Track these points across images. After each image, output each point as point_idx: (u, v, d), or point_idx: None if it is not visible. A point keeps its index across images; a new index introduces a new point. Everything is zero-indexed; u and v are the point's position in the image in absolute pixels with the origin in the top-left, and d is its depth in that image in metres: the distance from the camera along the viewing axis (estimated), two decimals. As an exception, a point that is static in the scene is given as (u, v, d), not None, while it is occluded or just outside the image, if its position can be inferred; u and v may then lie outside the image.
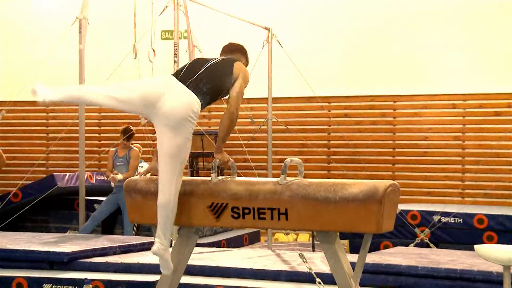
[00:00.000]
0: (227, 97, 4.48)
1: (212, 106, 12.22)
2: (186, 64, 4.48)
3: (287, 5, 12.42)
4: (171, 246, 4.64)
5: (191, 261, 4.76)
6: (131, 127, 9.82)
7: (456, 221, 9.13)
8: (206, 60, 4.49)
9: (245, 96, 4.53)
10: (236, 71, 4.39)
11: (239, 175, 4.41)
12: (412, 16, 11.94)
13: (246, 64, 4.65)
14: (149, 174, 4.51)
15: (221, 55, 4.66)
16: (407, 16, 11.97)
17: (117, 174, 9.42)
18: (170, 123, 4.18)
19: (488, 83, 11.56)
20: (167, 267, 4.35)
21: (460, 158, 11.82)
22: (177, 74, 4.38)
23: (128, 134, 9.64)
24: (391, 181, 3.99)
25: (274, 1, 12.47)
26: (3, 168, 10.57)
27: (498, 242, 8.71)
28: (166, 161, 4.21)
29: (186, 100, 4.21)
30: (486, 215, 9.10)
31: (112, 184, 9.56)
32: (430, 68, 11.82)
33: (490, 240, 8.91)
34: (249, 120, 9.79)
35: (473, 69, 11.60)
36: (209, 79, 4.31)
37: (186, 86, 4.26)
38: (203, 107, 4.33)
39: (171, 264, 4.33)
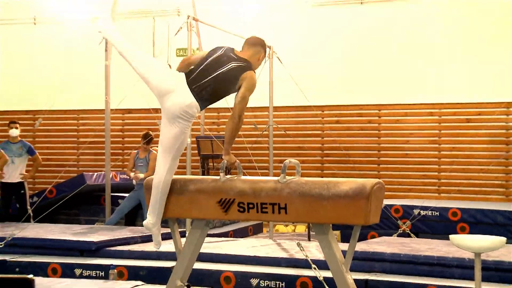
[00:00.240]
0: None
1: (221, 113, 12.31)
2: (203, 65, 4.36)
3: (286, 25, 12.39)
4: (183, 236, 4.60)
5: (202, 250, 4.73)
6: (151, 132, 9.80)
7: (433, 214, 9.12)
8: (220, 65, 4.33)
9: (249, 105, 4.47)
10: (241, 81, 4.29)
11: (244, 174, 4.39)
12: (393, 38, 11.93)
13: (264, 56, 4.53)
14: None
15: (243, 46, 4.50)
16: (389, 38, 11.96)
17: (137, 174, 9.41)
18: (168, 117, 4.23)
19: (460, 94, 11.57)
20: (156, 241, 4.49)
21: (436, 159, 11.80)
22: (190, 73, 4.35)
23: (148, 139, 9.62)
24: (377, 180, 3.96)
25: (275, 21, 12.43)
26: (40, 168, 10.54)
27: (470, 232, 8.70)
28: (161, 149, 4.29)
29: (185, 102, 4.21)
30: (460, 208, 9.10)
31: (134, 182, 9.55)
32: (410, 81, 11.81)
33: (463, 230, 8.89)
34: (253, 126, 9.78)
35: (447, 82, 11.59)
36: (213, 88, 4.28)
37: (191, 89, 4.24)
38: (202, 108, 4.35)
39: (159, 238, 4.47)
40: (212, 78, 4.27)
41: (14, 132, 9.58)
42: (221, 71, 4.29)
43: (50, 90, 11.73)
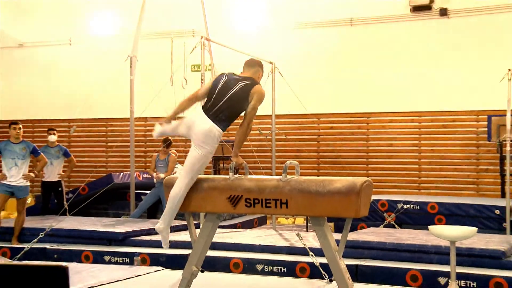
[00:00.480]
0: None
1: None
2: (215, 92, 4.35)
3: (287, 44, 12.40)
4: (198, 228, 4.61)
5: (214, 239, 4.73)
6: (170, 137, 9.82)
7: (414, 208, 9.10)
8: (229, 88, 4.33)
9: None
10: (251, 95, 4.30)
11: (250, 174, 4.39)
12: (379, 55, 11.94)
13: (262, 74, 4.50)
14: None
15: (244, 67, 4.49)
16: (375, 55, 11.96)
17: (158, 174, 9.42)
18: (195, 143, 4.27)
19: (437, 104, 11.57)
20: (165, 243, 4.51)
21: (417, 160, 11.79)
22: (205, 104, 4.37)
23: (167, 143, 9.65)
24: (365, 178, 3.96)
25: (277, 40, 12.45)
26: (74, 169, 10.57)
27: (446, 223, 8.68)
28: (184, 168, 4.30)
29: (205, 127, 4.25)
30: (437, 203, 9.09)
31: (155, 181, 9.56)
32: (394, 93, 11.82)
33: (440, 222, 8.88)
34: (258, 132, 9.79)
35: (425, 93, 11.60)
36: (229, 108, 4.28)
37: (209, 116, 4.27)
38: (223, 130, 4.33)
39: (168, 240, 4.48)
40: (226, 101, 4.28)
41: (52, 138, 9.62)
42: (232, 92, 4.30)
43: (83, 102, 11.74)
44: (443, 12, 11.51)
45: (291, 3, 12.55)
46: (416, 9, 11.64)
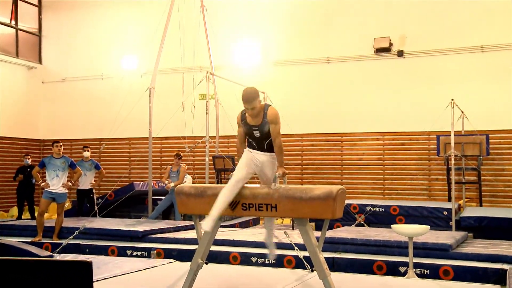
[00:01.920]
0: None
1: (230, 140, 12.27)
2: (251, 140, 4.19)
3: (277, 77, 12.39)
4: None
5: (217, 237, 4.65)
6: (180, 153, 9.77)
7: (380, 210, 9.03)
8: (253, 131, 4.12)
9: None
10: (269, 121, 4.07)
11: (246, 183, 4.30)
12: (350, 86, 11.93)
13: (259, 99, 4.12)
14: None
15: (244, 102, 4.08)
16: (348, 86, 11.96)
17: (170, 183, 9.31)
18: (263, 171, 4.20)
19: (397, 125, 11.54)
20: (207, 226, 4.00)
21: (381, 171, 11.73)
22: (250, 146, 4.20)
23: (179, 157, 9.58)
24: (340, 186, 3.90)
25: (269, 74, 12.45)
26: (103, 179, 10.47)
27: (405, 223, 8.62)
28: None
29: (264, 159, 4.16)
30: (398, 206, 9.03)
31: (166, 188, 9.49)
32: (363, 117, 11.78)
33: (400, 221, 8.82)
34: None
35: (388, 117, 11.58)
36: (263, 140, 4.13)
37: (258, 150, 4.15)
38: (271, 151, 4.16)
39: (209, 226, 3.98)
40: (259, 138, 4.13)
41: (86, 153, 9.55)
42: (257, 130, 4.12)
43: (111, 124, 11.67)
44: (400, 53, 11.56)
45: (279, 45, 12.57)
46: (379, 50, 11.69)
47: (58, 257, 5.98)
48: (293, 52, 12.43)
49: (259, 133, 4.15)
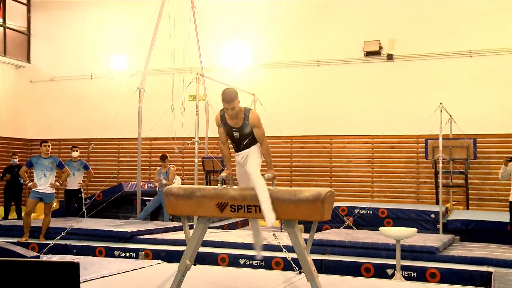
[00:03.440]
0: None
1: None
2: (230, 141, 4.18)
3: (267, 79, 12.41)
4: (192, 228, 4.49)
5: (205, 238, 4.63)
6: (166, 154, 9.75)
7: (368, 213, 9.06)
8: (233, 132, 4.10)
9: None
10: (251, 124, 4.06)
11: (235, 184, 4.31)
12: (340, 89, 11.99)
13: (239, 100, 4.05)
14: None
15: (224, 102, 4.03)
16: (337, 88, 12.01)
17: (162, 179, 9.28)
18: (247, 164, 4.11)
19: (386, 128, 11.62)
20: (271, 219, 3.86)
21: (370, 174, 11.78)
22: (236, 149, 4.19)
23: (163, 159, 9.56)
24: (329, 188, 3.90)
25: (259, 76, 12.46)
26: (92, 179, 10.41)
27: (393, 225, 8.65)
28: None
29: (244, 154, 4.15)
30: (386, 208, 9.07)
31: (157, 189, 9.43)
32: (352, 119, 11.84)
33: (388, 224, 8.84)
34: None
35: (377, 120, 11.65)
36: (242, 141, 4.11)
37: (243, 149, 4.14)
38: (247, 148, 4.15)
39: (273, 218, 3.83)
40: (240, 138, 4.11)
41: (75, 153, 9.49)
42: (238, 132, 4.10)
43: (100, 124, 11.61)
44: (390, 57, 11.63)
45: (269, 47, 12.59)
46: (369, 54, 11.75)
47: (45, 257, 5.94)
48: (283, 54, 12.46)
49: (238, 134, 4.12)
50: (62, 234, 7.18)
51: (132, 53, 13.23)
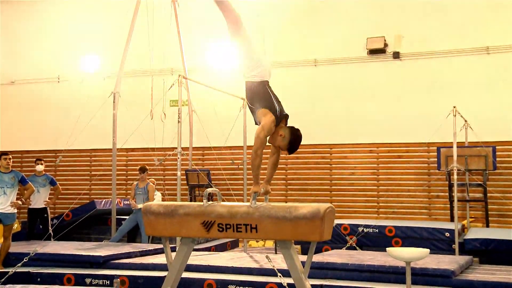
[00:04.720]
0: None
1: (205, 151, 12.24)
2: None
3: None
4: (174, 251, 4.48)
5: (189, 262, 4.62)
6: (146, 166, 9.73)
7: (373, 231, 9.07)
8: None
9: (227, 145, 4.41)
10: (258, 116, 4.38)
11: (223, 200, 4.31)
12: (340, 92, 12.06)
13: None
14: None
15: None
16: (337, 92, 12.08)
17: (137, 204, 9.27)
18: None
19: (393, 136, 11.70)
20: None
21: (375, 187, 11.82)
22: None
23: (143, 171, 9.53)
24: (328, 204, 3.91)
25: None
26: (59, 196, 10.34)
27: (402, 245, 8.67)
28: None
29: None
30: (394, 226, 9.07)
31: (132, 208, 9.43)
32: (354, 126, 11.91)
33: (397, 244, 8.86)
34: (230, 162, 9.72)
35: (383, 126, 11.72)
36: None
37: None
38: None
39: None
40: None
41: (40, 167, 9.43)
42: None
43: (68, 134, 11.57)
44: (396, 55, 11.73)
45: (260, 44, 12.63)
46: (372, 52, 11.84)
47: None
48: (276, 53, 12.48)
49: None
50: (24, 260, 7.09)
51: (105, 53, 13.23)
